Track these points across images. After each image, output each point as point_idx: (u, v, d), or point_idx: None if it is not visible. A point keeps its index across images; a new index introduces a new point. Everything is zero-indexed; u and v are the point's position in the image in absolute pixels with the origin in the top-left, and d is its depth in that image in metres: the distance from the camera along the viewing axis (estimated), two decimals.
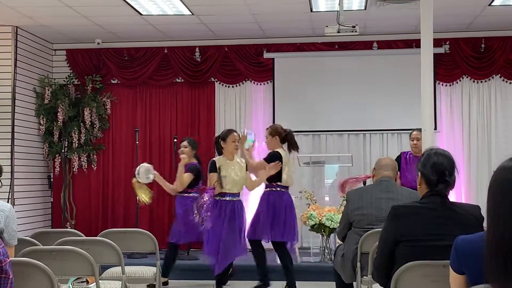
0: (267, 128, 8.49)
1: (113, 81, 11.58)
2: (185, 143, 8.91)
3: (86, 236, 6.37)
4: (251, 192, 8.83)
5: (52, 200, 11.31)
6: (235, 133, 7.91)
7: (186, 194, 8.68)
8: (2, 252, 3.48)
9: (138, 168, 8.67)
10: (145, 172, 8.61)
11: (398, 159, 9.02)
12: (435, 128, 9.99)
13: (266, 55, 11.22)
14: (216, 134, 11.15)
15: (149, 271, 6.41)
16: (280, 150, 8.17)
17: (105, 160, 11.47)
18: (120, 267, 5.56)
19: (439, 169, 3.76)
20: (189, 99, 11.42)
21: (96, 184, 11.44)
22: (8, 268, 3.52)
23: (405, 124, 10.74)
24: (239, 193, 7.80)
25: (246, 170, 7.89)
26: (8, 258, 3.57)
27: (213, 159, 7.80)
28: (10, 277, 3.54)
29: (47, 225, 11.15)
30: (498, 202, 2.85)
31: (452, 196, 3.81)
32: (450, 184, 3.78)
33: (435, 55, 8.45)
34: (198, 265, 9.32)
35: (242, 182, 7.82)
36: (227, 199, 7.64)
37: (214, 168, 7.62)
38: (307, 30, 10.68)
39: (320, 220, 8.98)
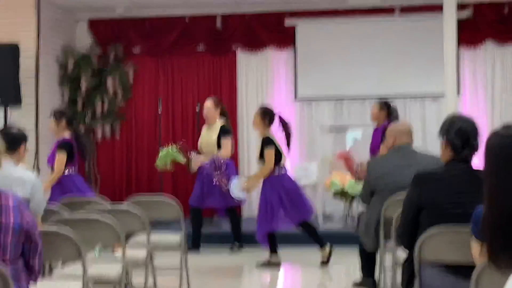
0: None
1: (135, 51, 11.60)
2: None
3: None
4: None
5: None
6: None
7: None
8: (30, 222, 3.53)
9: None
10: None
11: None
12: (458, 93, 9.90)
13: (288, 22, 11.15)
14: (239, 102, 11.24)
15: (174, 239, 6.46)
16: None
17: (128, 129, 11.50)
18: (145, 235, 5.62)
19: (464, 134, 3.74)
20: (211, 68, 11.41)
21: (119, 153, 11.51)
22: (37, 237, 3.57)
23: (427, 90, 10.70)
24: None
25: None
26: (37, 228, 3.62)
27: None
28: (39, 246, 3.59)
29: None
30: (492, 171, 2.84)
31: (477, 163, 3.79)
32: (475, 149, 3.76)
33: (457, 19, 8.38)
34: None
35: None
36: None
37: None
38: None
39: (342, 187, 8.99)
